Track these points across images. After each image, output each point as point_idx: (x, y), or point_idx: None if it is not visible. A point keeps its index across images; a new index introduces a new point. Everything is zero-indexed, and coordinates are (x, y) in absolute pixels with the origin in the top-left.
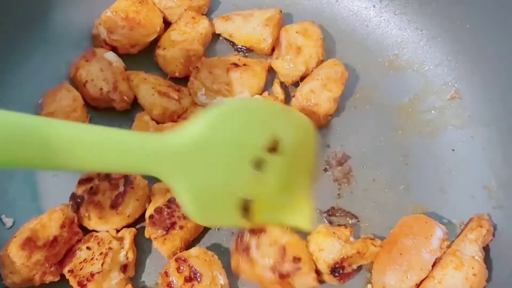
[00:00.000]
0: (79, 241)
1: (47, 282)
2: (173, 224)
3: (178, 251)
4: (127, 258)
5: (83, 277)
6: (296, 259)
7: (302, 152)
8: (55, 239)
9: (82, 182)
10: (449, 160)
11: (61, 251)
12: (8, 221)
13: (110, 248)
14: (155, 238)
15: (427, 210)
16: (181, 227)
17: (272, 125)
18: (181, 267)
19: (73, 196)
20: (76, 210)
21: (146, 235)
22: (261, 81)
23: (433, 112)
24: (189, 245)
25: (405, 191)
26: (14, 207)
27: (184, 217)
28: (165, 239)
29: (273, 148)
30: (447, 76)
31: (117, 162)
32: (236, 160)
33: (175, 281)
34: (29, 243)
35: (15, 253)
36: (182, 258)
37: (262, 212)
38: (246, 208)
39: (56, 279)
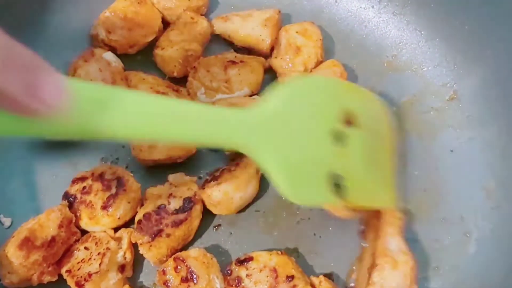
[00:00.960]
0: (77, 241)
1: (45, 282)
2: (160, 231)
3: (164, 259)
4: (125, 258)
5: (81, 277)
6: (289, 277)
7: (379, 129)
8: (53, 239)
9: (75, 181)
10: (447, 160)
11: (59, 251)
12: (6, 221)
13: (108, 248)
14: (141, 244)
15: (424, 211)
16: (168, 235)
17: (343, 100)
18: (179, 267)
19: (66, 195)
20: (68, 209)
21: (133, 240)
22: (259, 77)
23: (431, 113)
24: (181, 249)
25: (403, 191)
26: (12, 207)
27: (173, 225)
28: (150, 245)
29: (349, 122)
30: (445, 77)
31: (202, 134)
32: (315, 131)
33: (171, 280)
34: (27, 243)
35: (13, 253)
36: (181, 258)
37: (353, 192)
38: (337, 184)
39: (54, 279)
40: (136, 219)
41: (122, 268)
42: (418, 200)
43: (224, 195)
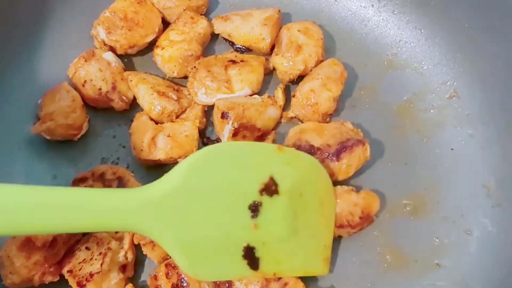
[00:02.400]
0: (78, 241)
1: (47, 283)
2: None
3: (168, 257)
4: (126, 258)
5: (82, 277)
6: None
7: (310, 194)
8: (54, 239)
9: (76, 182)
10: (448, 158)
11: (60, 251)
12: None
13: (109, 248)
14: (144, 244)
15: (425, 209)
16: None
17: (268, 167)
18: (170, 273)
19: None
20: None
21: (135, 241)
22: (260, 76)
23: (431, 111)
24: None
25: (403, 189)
26: None
27: None
28: (154, 245)
29: (271, 190)
30: (445, 75)
31: (87, 224)
32: (228, 206)
33: (162, 286)
34: (28, 244)
35: (15, 254)
36: (172, 265)
37: (270, 261)
38: (251, 257)
39: (56, 279)
40: None
41: (123, 268)
42: (419, 198)
43: None
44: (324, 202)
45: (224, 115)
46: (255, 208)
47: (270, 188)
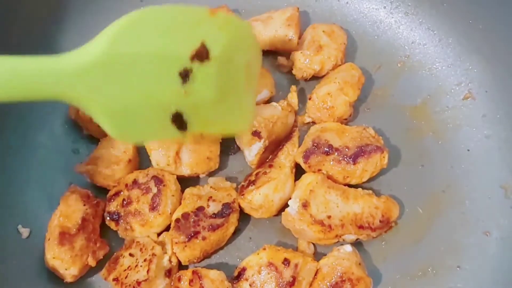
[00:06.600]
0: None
1: (102, 257)
2: (196, 234)
3: (195, 260)
4: (171, 262)
5: (129, 285)
6: (285, 262)
7: (239, 59)
8: (83, 219)
9: (111, 198)
10: (464, 160)
11: (95, 226)
12: (24, 232)
13: (153, 254)
14: (176, 243)
15: (443, 211)
16: (203, 238)
17: (199, 32)
18: (194, 281)
19: (108, 215)
20: (115, 226)
21: (168, 237)
22: (271, 78)
23: (446, 112)
24: (213, 253)
25: (420, 192)
26: (30, 217)
27: (209, 229)
28: (185, 246)
29: (203, 56)
30: (460, 76)
31: (10, 91)
32: (157, 73)
33: None
34: (65, 236)
35: (59, 252)
36: (199, 274)
37: (198, 124)
38: (180, 122)
39: (107, 250)
40: (174, 217)
41: (168, 272)
42: (436, 200)
43: (264, 198)
44: (251, 66)
45: (256, 133)
46: (185, 75)
47: (201, 54)
